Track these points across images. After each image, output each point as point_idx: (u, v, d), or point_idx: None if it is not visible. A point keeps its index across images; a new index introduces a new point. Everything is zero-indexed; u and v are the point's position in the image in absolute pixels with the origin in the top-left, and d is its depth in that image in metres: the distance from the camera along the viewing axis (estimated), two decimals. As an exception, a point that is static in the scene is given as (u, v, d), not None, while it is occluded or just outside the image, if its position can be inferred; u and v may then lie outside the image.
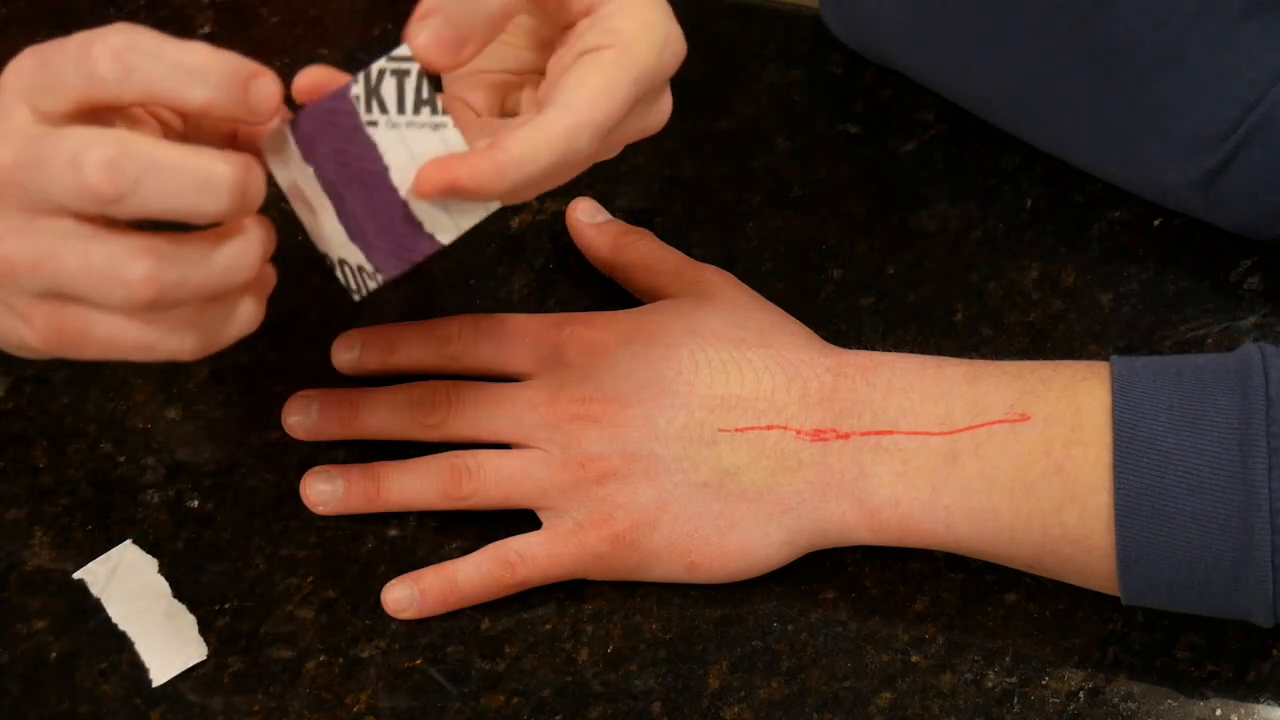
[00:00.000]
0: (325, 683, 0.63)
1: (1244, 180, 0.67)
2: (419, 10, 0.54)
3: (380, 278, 0.55)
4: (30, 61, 0.52)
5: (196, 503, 0.67)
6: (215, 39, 0.81)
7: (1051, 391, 0.61)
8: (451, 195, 0.54)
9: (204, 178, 0.51)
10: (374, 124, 0.54)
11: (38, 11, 0.83)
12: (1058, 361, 0.63)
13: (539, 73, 0.61)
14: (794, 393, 0.63)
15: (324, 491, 0.66)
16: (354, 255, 0.55)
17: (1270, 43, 0.65)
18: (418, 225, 0.55)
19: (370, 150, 0.54)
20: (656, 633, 0.64)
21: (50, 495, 0.67)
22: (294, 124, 0.54)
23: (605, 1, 0.57)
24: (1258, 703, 0.61)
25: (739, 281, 0.69)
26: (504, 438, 0.65)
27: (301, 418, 0.67)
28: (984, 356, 0.69)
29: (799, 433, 0.63)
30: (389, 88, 0.54)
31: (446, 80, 0.63)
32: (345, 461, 0.67)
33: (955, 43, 0.72)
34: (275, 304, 0.55)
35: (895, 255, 0.73)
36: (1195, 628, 0.62)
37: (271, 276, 0.56)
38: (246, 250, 0.53)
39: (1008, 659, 0.62)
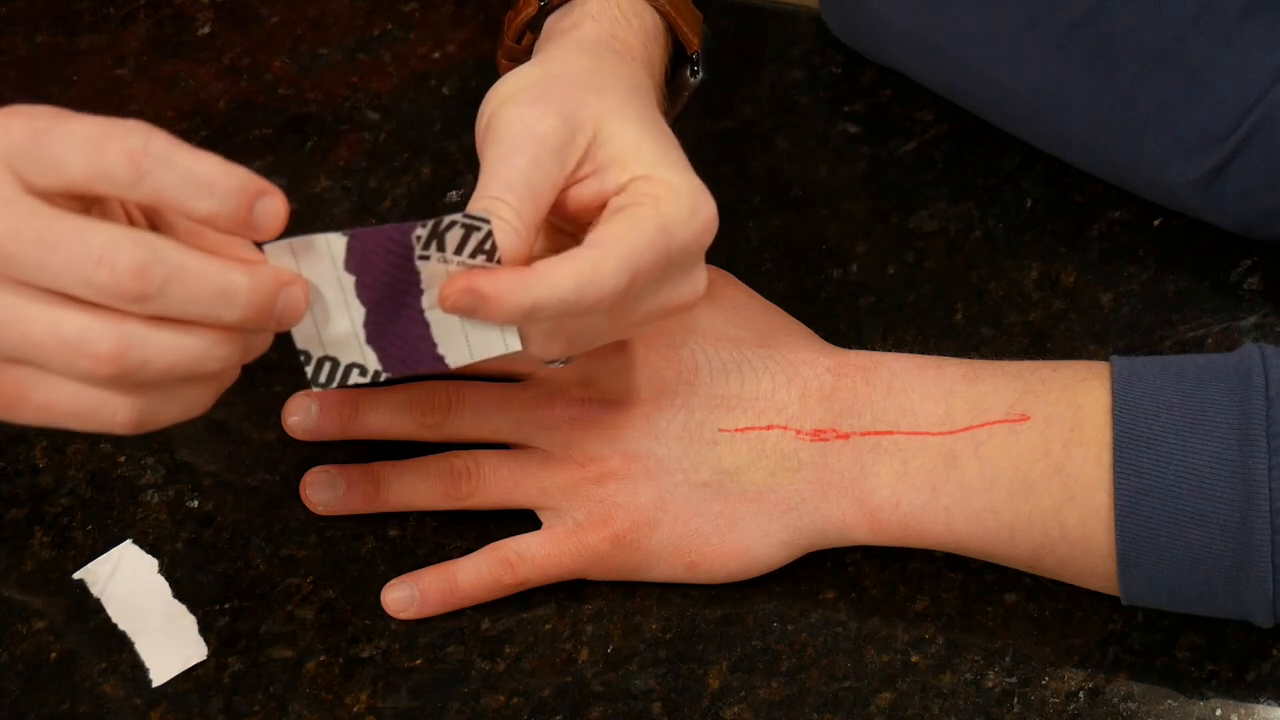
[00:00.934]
0: (325, 683, 0.63)
1: (1244, 180, 0.67)
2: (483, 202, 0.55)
3: (383, 376, 0.57)
4: (21, 128, 0.51)
5: (196, 503, 0.67)
6: (215, 38, 0.81)
7: (1051, 391, 0.61)
8: (471, 299, 0.54)
9: (224, 288, 0.51)
10: (425, 258, 0.55)
11: (37, 11, 0.83)
12: (1058, 361, 0.63)
13: None
14: (794, 393, 0.63)
15: (324, 492, 0.66)
16: (355, 355, 0.57)
17: (1270, 43, 0.65)
18: (433, 344, 0.56)
19: (413, 278, 0.56)
20: (656, 633, 0.64)
21: (50, 495, 0.67)
22: (350, 236, 0.55)
23: (635, 177, 0.57)
24: (1258, 703, 0.61)
25: (739, 281, 0.69)
26: (504, 438, 0.65)
27: (301, 418, 0.67)
28: (984, 356, 0.69)
29: (799, 433, 0.63)
30: (454, 235, 0.55)
31: None
32: (345, 461, 0.67)
33: (955, 43, 0.72)
34: (275, 304, 0.55)
35: (895, 255, 0.73)
36: (1195, 628, 0.62)
37: (235, 375, 0.56)
38: (220, 346, 0.53)
39: (1008, 659, 0.62)
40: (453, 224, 0.54)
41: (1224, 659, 0.62)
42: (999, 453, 0.60)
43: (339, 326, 0.56)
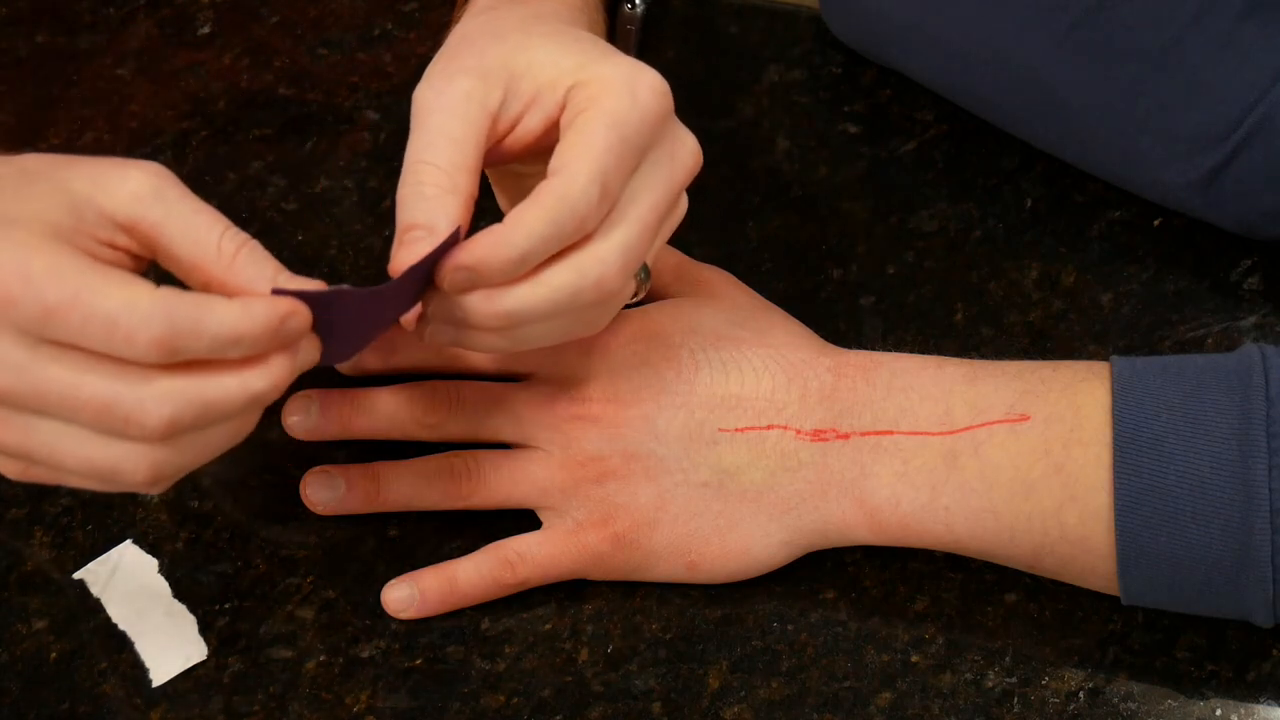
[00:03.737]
0: (325, 683, 0.63)
1: (1244, 180, 0.67)
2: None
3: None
4: (31, 303, 0.51)
5: (196, 503, 0.67)
6: (215, 39, 0.81)
7: (1051, 391, 0.61)
8: (464, 275, 0.56)
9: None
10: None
11: (37, 11, 0.83)
12: (1058, 361, 0.63)
13: None
14: (794, 392, 0.63)
15: (324, 492, 0.66)
16: None
17: (1270, 43, 0.65)
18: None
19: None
20: (656, 633, 0.64)
21: (50, 495, 0.67)
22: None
23: (569, 88, 0.58)
24: (1258, 703, 0.61)
25: (739, 281, 0.69)
26: (504, 437, 0.65)
27: (301, 418, 0.67)
28: (984, 356, 0.69)
29: (799, 432, 0.63)
30: None
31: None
32: (345, 461, 0.67)
33: (955, 43, 0.72)
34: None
35: (895, 255, 0.73)
36: (1195, 628, 0.62)
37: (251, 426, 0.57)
38: (262, 382, 0.54)
39: (1008, 659, 0.62)
40: None
41: (1224, 659, 0.62)
42: (999, 453, 0.60)
43: None
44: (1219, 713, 0.61)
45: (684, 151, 0.60)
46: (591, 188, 0.56)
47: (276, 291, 0.53)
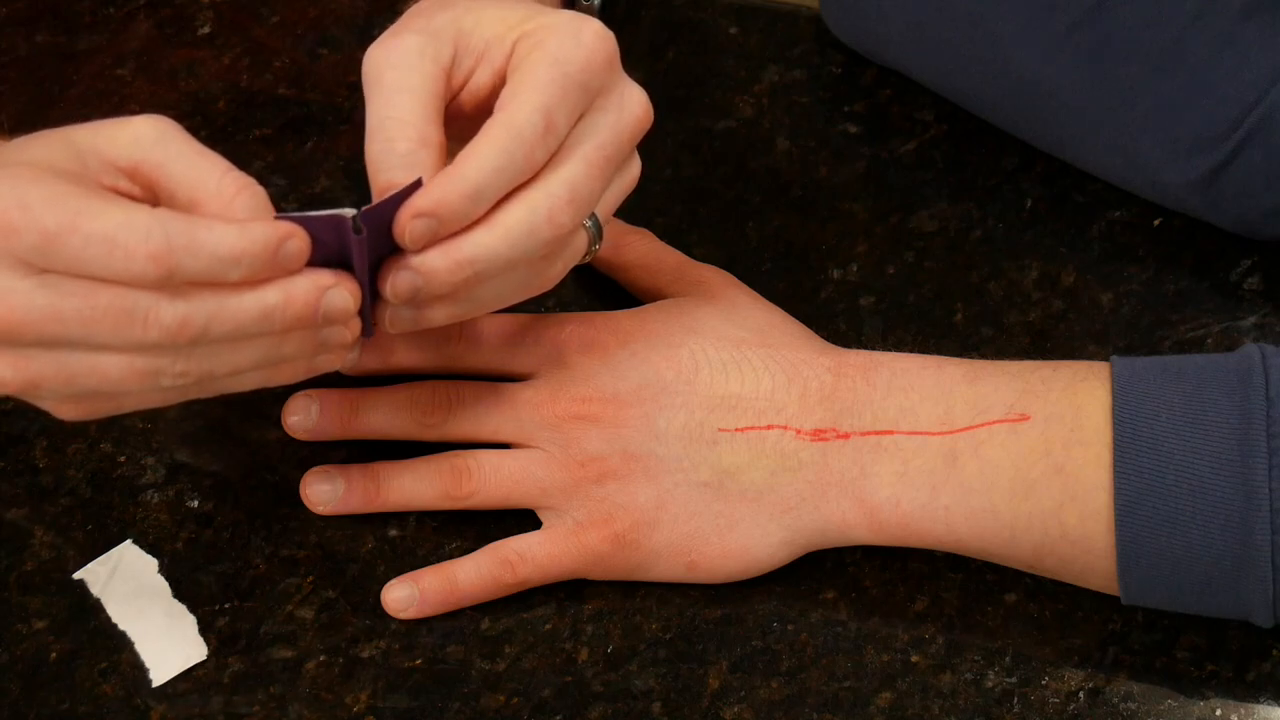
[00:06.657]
0: (325, 683, 0.63)
1: (1244, 180, 0.67)
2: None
3: None
4: (30, 230, 0.52)
5: (196, 503, 0.67)
6: (215, 39, 0.81)
7: (1052, 391, 0.61)
8: (424, 222, 0.56)
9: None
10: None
11: (37, 11, 0.83)
12: (1058, 361, 0.63)
13: None
14: (794, 392, 0.63)
15: (324, 491, 0.66)
16: None
17: (1270, 43, 0.65)
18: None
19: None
20: (656, 633, 0.64)
21: (50, 495, 0.67)
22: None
23: (518, 39, 0.59)
24: (1258, 703, 0.61)
25: (739, 281, 0.69)
26: (504, 437, 0.65)
27: (301, 418, 0.67)
28: (984, 356, 0.69)
29: (799, 432, 0.63)
30: None
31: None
32: (345, 461, 0.67)
33: (955, 43, 0.72)
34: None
35: (895, 255, 0.73)
36: (1195, 628, 0.62)
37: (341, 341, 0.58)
38: (275, 295, 0.54)
39: (1008, 659, 0.62)
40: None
41: (1224, 659, 0.62)
42: (999, 453, 0.60)
43: None
44: (1219, 713, 0.61)
45: (632, 102, 0.61)
46: (535, 117, 0.57)
47: (279, 217, 0.54)
